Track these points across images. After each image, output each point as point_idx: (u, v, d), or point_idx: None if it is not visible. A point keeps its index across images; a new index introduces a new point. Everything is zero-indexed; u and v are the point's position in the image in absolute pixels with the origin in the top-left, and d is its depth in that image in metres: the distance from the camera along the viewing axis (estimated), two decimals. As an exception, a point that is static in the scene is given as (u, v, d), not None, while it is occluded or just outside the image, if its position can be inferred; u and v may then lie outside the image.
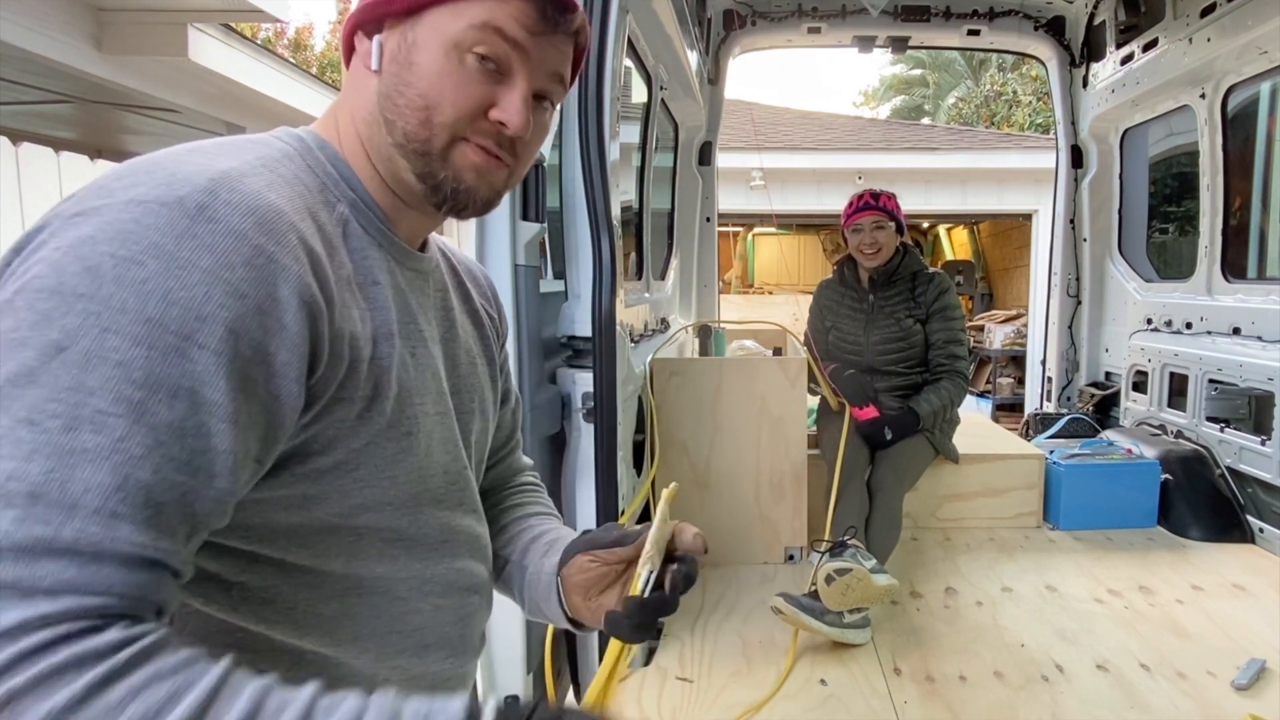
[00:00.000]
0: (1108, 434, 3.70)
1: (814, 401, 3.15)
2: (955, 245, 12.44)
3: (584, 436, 2.01)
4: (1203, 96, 3.32)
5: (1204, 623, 2.39)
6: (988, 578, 2.76)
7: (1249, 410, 3.10)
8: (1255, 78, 3.13)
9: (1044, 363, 4.49)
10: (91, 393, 0.56)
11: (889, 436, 2.87)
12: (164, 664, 0.55)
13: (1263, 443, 2.97)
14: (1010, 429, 4.24)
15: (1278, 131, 3.38)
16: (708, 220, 4.43)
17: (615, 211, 2.08)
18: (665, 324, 3.52)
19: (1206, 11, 3.15)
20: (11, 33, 3.51)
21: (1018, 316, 9.86)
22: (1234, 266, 3.38)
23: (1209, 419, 3.29)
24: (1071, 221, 4.23)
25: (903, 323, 3.03)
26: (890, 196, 3.02)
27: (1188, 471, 3.21)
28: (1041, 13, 4.07)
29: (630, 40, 2.65)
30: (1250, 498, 3.11)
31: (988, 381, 9.69)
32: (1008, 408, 9.28)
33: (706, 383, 2.81)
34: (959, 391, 2.99)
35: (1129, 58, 3.69)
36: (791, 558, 2.90)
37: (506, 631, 1.82)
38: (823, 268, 11.67)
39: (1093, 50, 4.03)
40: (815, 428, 3.16)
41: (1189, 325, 3.50)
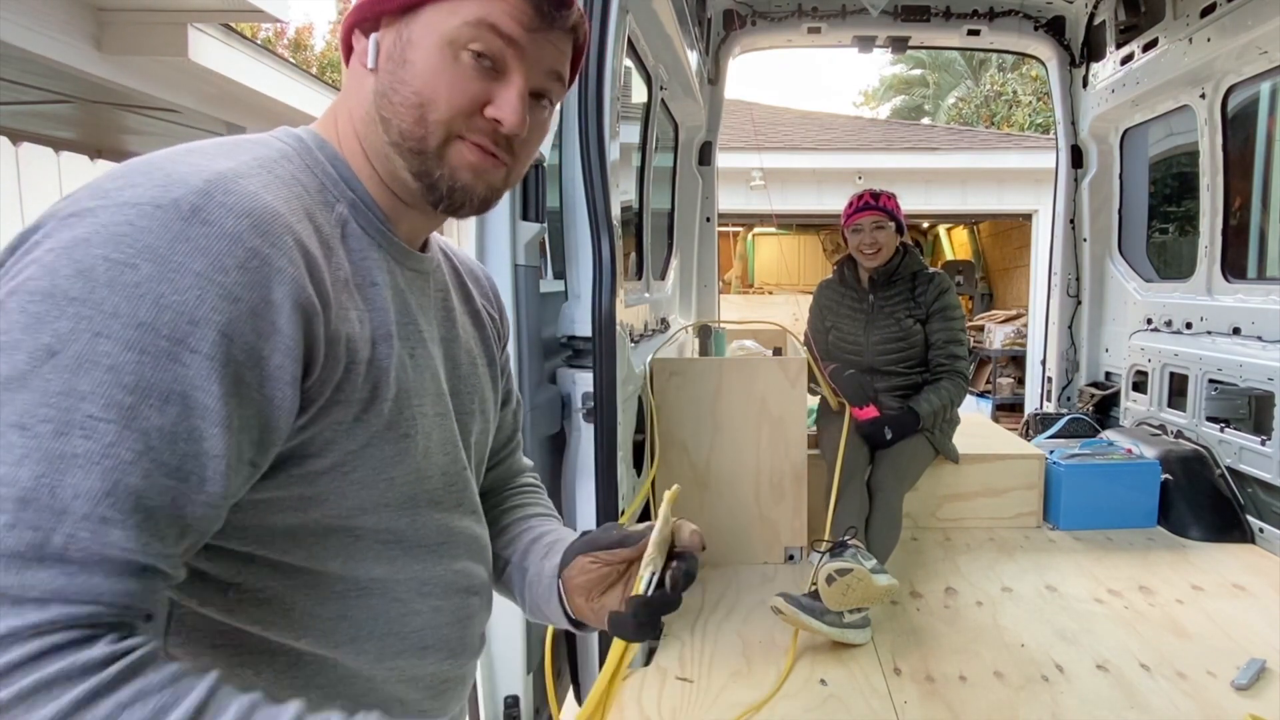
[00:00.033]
0: (1108, 434, 3.70)
1: (814, 401, 3.15)
2: (955, 245, 12.44)
3: (584, 436, 2.01)
4: (1203, 96, 3.32)
5: (1204, 623, 2.39)
6: (988, 578, 2.76)
7: (1249, 410, 3.10)
8: (1255, 78, 3.13)
9: (1044, 363, 4.49)
10: (83, 398, 0.56)
11: (889, 436, 2.87)
12: (151, 680, 0.56)
13: (1263, 443, 2.97)
14: (1010, 429, 4.23)
15: (1278, 131, 3.38)
16: (708, 220, 4.43)
17: (615, 211, 2.08)
18: (665, 324, 3.52)
19: (1206, 11, 3.15)
20: (11, 33, 3.51)
21: (1018, 316, 9.86)
22: (1234, 266, 3.37)
23: (1209, 419, 3.29)
24: (1071, 221, 4.23)
25: (903, 323, 3.03)
26: (890, 196, 3.02)
27: (1188, 471, 3.21)
28: (1041, 13, 4.07)
29: (630, 40, 2.65)
30: (1250, 498, 3.11)
31: (988, 381, 9.69)
32: (1008, 408, 9.29)
33: (706, 383, 2.81)
34: (959, 391, 2.99)
35: (1129, 58, 3.69)
36: (791, 558, 2.90)
37: (506, 631, 1.82)
38: (823, 268, 11.67)
39: (1093, 50, 4.03)
40: (815, 428, 3.16)
41: (1189, 325, 3.50)
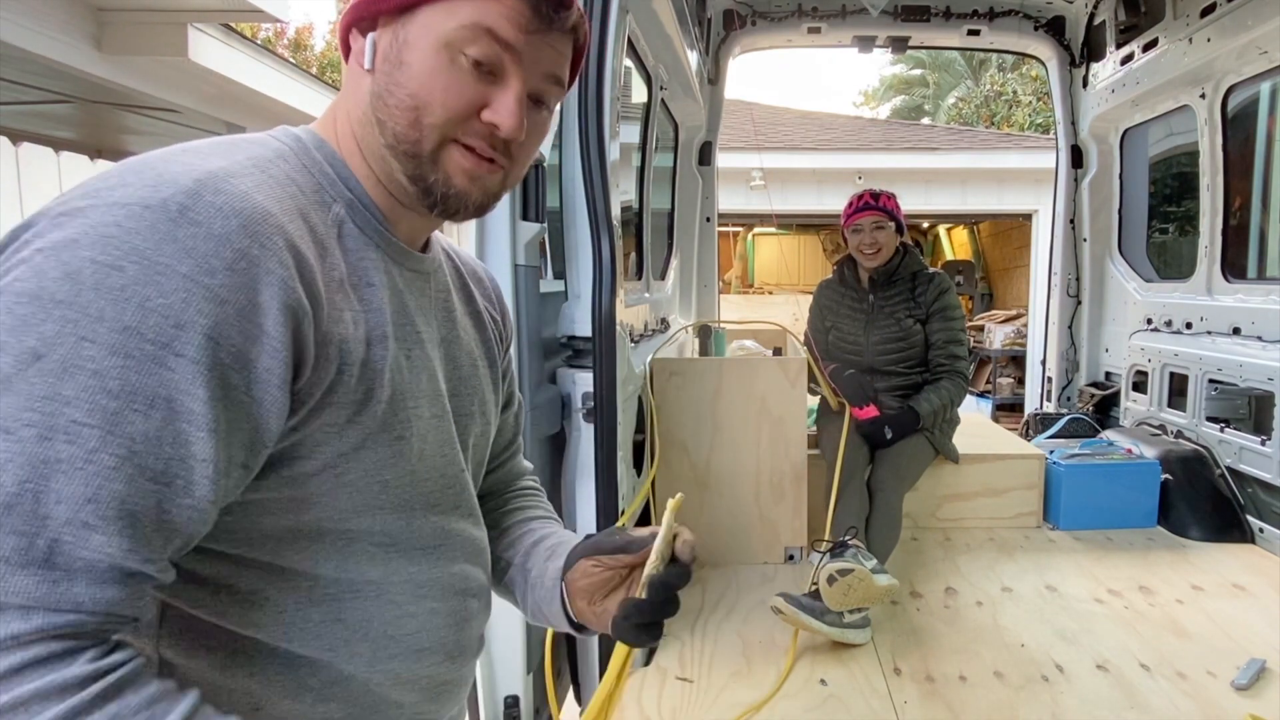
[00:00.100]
0: (1108, 434, 3.70)
1: (814, 401, 3.15)
2: (955, 245, 12.44)
3: (584, 436, 2.01)
4: (1203, 96, 3.32)
5: (1204, 623, 2.39)
6: (988, 578, 2.76)
7: (1249, 410, 3.10)
8: (1255, 78, 3.12)
9: (1044, 363, 4.49)
10: (67, 402, 0.55)
11: (889, 435, 2.87)
12: (129, 702, 0.56)
13: (1263, 443, 2.97)
14: (1010, 429, 4.23)
15: (1278, 131, 3.38)
16: (708, 220, 4.43)
17: (615, 211, 2.08)
18: (665, 324, 3.52)
19: (1206, 11, 3.14)
20: (11, 33, 3.51)
21: (1018, 316, 9.86)
22: (1234, 266, 3.37)
23: (1209, 419, 3.28)
24: (1071, 221, 4.23)
25: (903, 323, 3.03)
26: (890, 196, 3.02)
27: (1188, 471, 3.20)
28: (1041, 13, 4.07)
29: (630, 40, 2.65)
30: (1250, 498, 3.10)
31: (988, 381, 9.69)
32: (1008, 408, 9.29)
33: (706, 383, 2.81)
34: (959, 391, 2.99)
35: (1129, 58, 3.69)
36: (791, 558, 2.90)
37: (506, 632, 1.82)
38: (823, 268, 11.67)
39: (1093, 50, 4.03)
40: (815, 428, 3.16)
41: (1189, 325, 3.49)
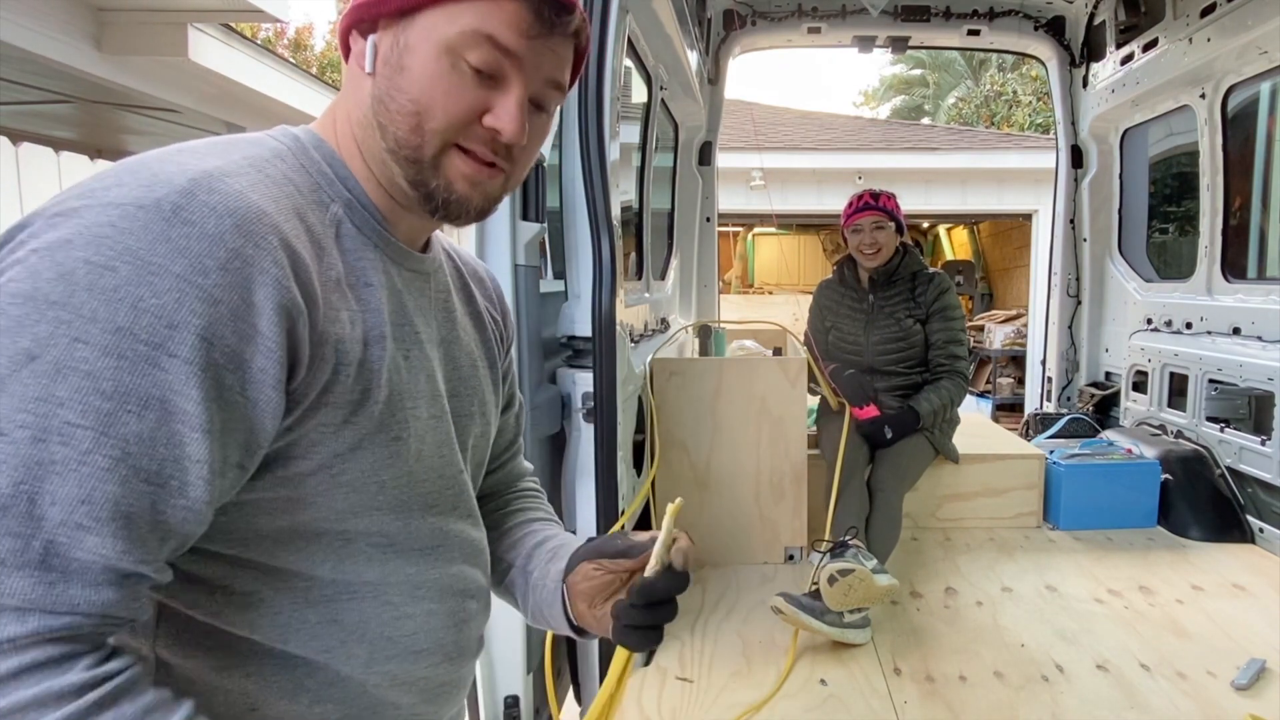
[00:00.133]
0: (1108, 434, 3.70)
1: (814, 401, 3.15)
2: (955, 245, 12.44)
3: (584, 436, 2.01)
4: (1203, 96, 3.32)
5: (1204, 623, 2.39)
6: (988, 578, 2.76)
7: (1249, 410, 3.10)
8: (1255, 78, 3.12)
9: (1044, 363, 4.49)
10: (60, 404, 0.55)
11: (889, 435, 2.87)
12: (124, 712, 0.57)
13: (1263, 443, 2.97)
14: (1010, 429, 4.23)
15: (1278, 131, 3.38)
16: (708, 220, 4.43)
17: (615, 211, 2.08)
18: (665, 324, 3.52)
19: (1206, 11, 3.14)
20: (11, 33, 3.51)
21: (1018, 316, 9.86)
22: (1234, 266, 3.37)
23: (1209, 419, 3.28)
24: (1071, 221, 4.23)
25: (903, 323, 3.03)
26: (890, 196, 3.02)
27: (1188, 471, 3.20)
28: (1041, 13, 4.07)
29: (630, 40, 2.65)
30: (1250, 498, 3.10)
31: (988, 381, 9.69)
32: (1008, 408, 9.29)
33: (706, 383, 2.81)
34: (959, 391, 2.99)
35: (1129, 58, 3.69)
36: (791, 558, 2.90)
37: (506, 632, 1.82)
38: (823, 268, 11.67)
39: (1093, 50, 4.03)
40: (815, 428, 3.16)
41: (1189, 325, 3.49)
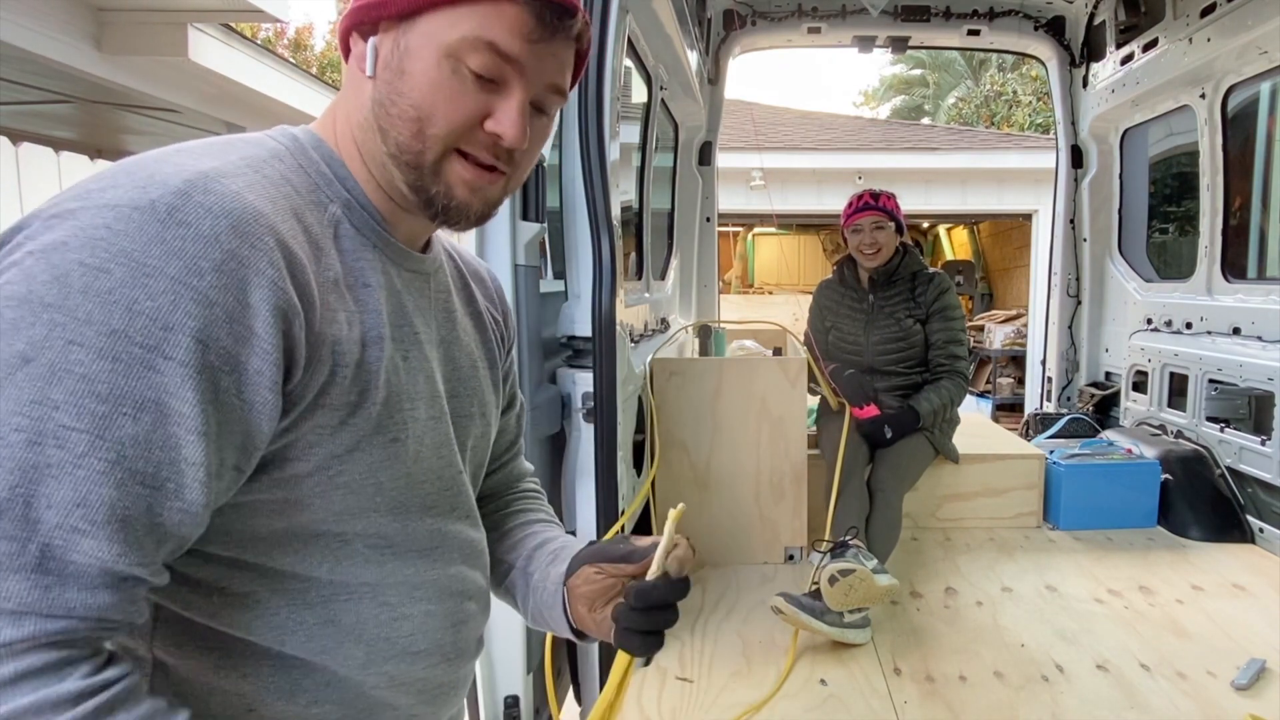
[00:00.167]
0: (1108, 434, 3.70)
1: (814, 401, 3.15)
2: (955, 245, 12.44)
3: (584, 436, 2.01)
4: (1203, 96, 3.32)
5: (1204, 623, 2.39)
6: (988, 578, 2.76)
7: (1249, 410, 3.10)
8: (1255, 78, 3.12)
9: (1044, 363, 4.49)
10: (56, 407, 0.55)
11: (889, 435, 2.87)
12: None
13: (1263, 443, 2.97)
14: (1010, 429, 4.23)
15: (1278, 131, 3.38)
16: (708, 220, 4.43)
17: (615, 211, 2.08)
18: (665, 324, 3.52)
19: (1206, 11, 3.14)
20: (11, 33, 3.51)
21: (1018, 316, 9.86)
22: (1234, 266, 3.37)
23: (1209, 419, 3.28)
24: (1071, 221, 4.23)
25: (903, 323, 3.03)
26: (890, 196, 3.02)
27: (1188, 471, 3.21)
28: (1041, 13, 4.07)
29: (630, 40, 2.65)
30: (1250, 498, 3.10)
31: (988, 381, 9.69)
32: (1008, 408, 9.29)
33: (706, 383, 2.81)
34: (959, 391, 2.99)
35: (1129, 58, 3.69)
36: (791, 558, 2.90)
37: (506, 632, 1.82)
38: (823, 268, 11.67)
39: (1093, 50, 4.03)
40: (815, 428, 3.16)
41: (1189, 325, 3.50)
